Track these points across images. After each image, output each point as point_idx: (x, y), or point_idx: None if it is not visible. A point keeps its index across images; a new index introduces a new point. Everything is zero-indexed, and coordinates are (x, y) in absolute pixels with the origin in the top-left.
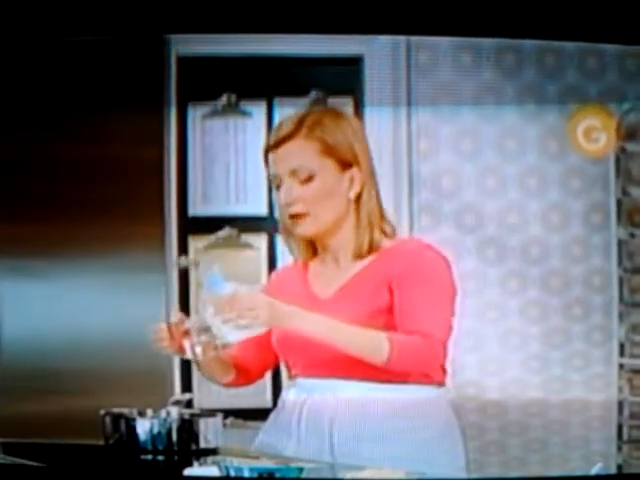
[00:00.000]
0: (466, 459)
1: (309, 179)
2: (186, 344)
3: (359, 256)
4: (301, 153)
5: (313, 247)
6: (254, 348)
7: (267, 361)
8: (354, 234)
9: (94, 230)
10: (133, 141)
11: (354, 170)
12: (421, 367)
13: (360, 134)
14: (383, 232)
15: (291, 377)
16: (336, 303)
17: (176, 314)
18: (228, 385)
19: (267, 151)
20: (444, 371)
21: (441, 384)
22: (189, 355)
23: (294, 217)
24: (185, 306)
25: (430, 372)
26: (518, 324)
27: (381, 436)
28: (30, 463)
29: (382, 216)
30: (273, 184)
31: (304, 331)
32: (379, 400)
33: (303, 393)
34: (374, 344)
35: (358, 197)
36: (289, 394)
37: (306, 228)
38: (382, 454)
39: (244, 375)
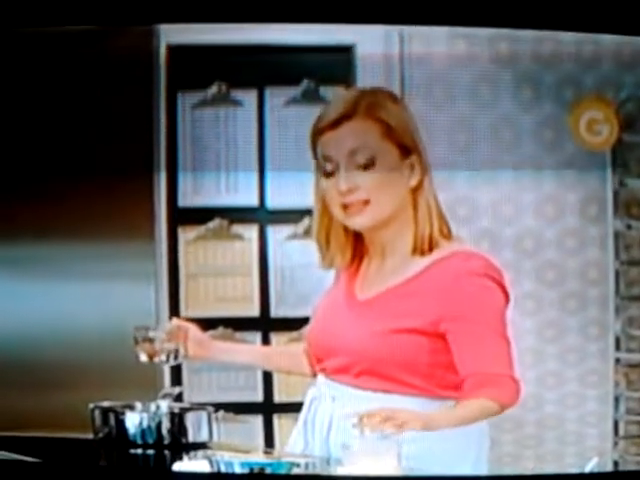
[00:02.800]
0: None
1: (371, 163)
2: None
3: (416, 252)
4: (362, 134)
5: (354, 249)
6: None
7: None
8: (411, 228)
9: (82, 221)
10: (122, 131)
11: (414, 158)
12: (511, 406)
13: (415, 121)
14: (440, 231)
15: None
16: (373, 307)
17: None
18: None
19: (319, 133)
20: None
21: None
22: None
23: (352, 206)
24: (175, 299)
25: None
26: (512, 317)
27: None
28: (18, 457)
29: (439, 212)
30: (321, 171)
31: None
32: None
33: (315, 391)
34: (484, 413)
35: (417, 188)
36: (309, 390)
37: (366, 218)
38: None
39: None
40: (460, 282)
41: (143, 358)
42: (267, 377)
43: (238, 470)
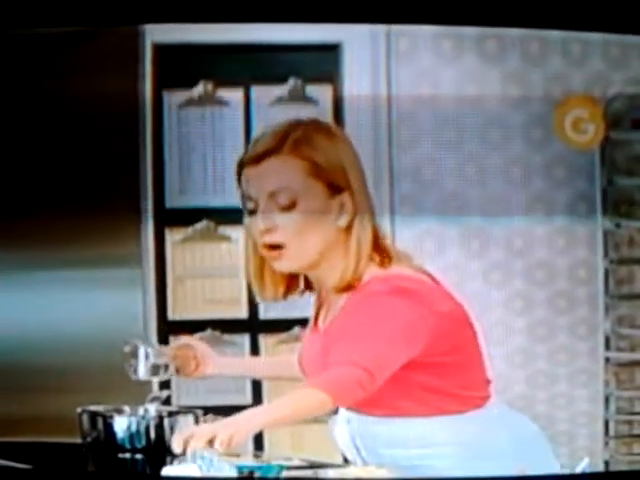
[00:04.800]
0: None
1: (292, 205)
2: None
3: (339, 290)
4: (284, 172)
5: (292, 281)
6: None
7: None
8: (341, 265)
9: (69, 224)
10: (107, 131)
11: (345, 195)
12: (360, 395)
13: (353, 154)
14: (375, 261)
15: None
16: (327, 338)
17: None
18: None
19: (241, 167)
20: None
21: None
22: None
23: (272, 248)
24: (163, 301)
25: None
26: (502, 317)
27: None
28: (5, 462)
29: (378, 245)
30: (246, 208)
31: (249, 426)
32: (387, 431)
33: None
34: (312, 401)
35: (349, 227)
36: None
37: (286, 263)
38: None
39: None
40: (360, 302)
41: (133, 374)
42: (256, 380)
43: (227, 473)
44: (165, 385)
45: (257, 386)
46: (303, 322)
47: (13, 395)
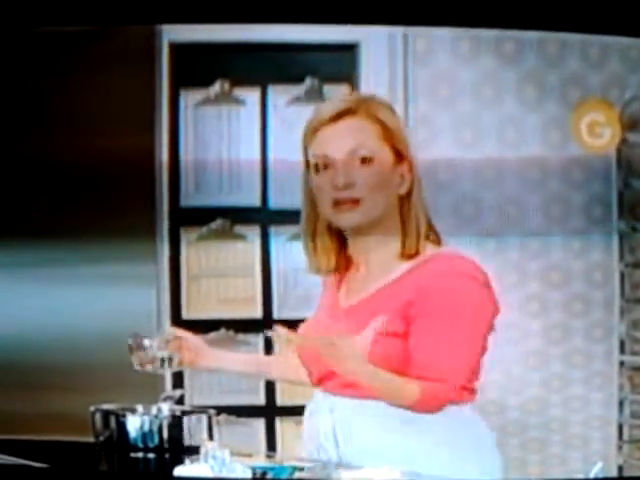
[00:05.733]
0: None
1: (369, 161)
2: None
3: (403, 257)
4: (363, 132)
5: (339, 255)
6: None
7: None
8: (396, 235)
9: (82, 221)
10: (123, 130)
11: (405, 166)
12: (434, 412)
13: (406, 133)
14: (427, 238)
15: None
16: (356, 314)
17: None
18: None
19: (318, 127)
20: (470, 392)
21: (468, 401)
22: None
23: (344, 203)
24: (177, 300)
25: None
26: (517, 319)
27: (376, 454)
28: (18, 460)
29: (427, 222)
30: (314, 165)
31: (347, 371)
32: (374, 416)
33: (312, 404)
34: (404, 392)
35: (406, 196)
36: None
37: (356, 217)
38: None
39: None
40: (439, 280)
41: (137, 366)
42: (269, 380)
43: (240, 474)
44: (178, 384)
45: (270, 386)
46: None
47: (24, 393)
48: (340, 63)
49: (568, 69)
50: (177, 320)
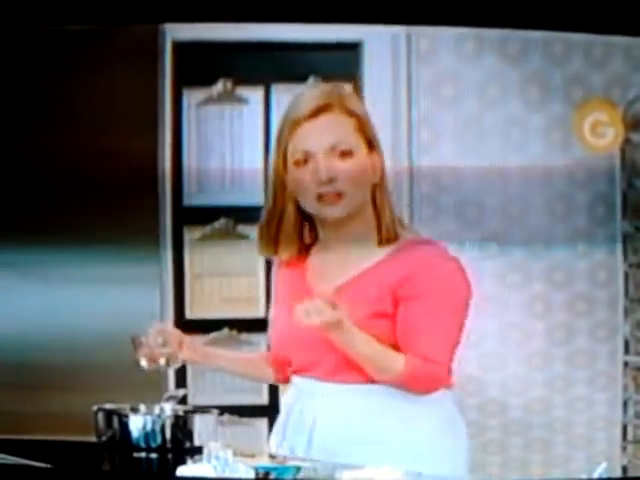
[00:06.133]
0: (468, 457)
1: (349, 154)
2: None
3: (383, 243)
4: (341, 126)
5: (301, 242)
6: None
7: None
8: (373, 222)
9: (85, 220)
10: (126, 129)
11: (375, 155)
12: (420, 392)
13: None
14: (400, 224)
15: (289, 375)
16: (339, 298)
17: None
18: (280, 383)
19: (297, 123)
20: (449, 373)
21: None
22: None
23: (327, 197)
24: (180, 299)
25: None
26: (520, 319)
27: (364, 440)
28: (19, 460)
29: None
30: (294, 160)
31: (337, 338)
32: (363, 402)
33: (294, 392)
34: (388, 361)
35: (379, 184)
36: (286, 394)
37: (340, 209)
38: (366, 458)
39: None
40: (425, 261)
41: (144, 364)
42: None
43: (243, 474)
44: (181, 384)
45: (274, 386)
46: None
47: (26, 393)
48: (343, 62)
49: (572, 69)
50: (180, 320)
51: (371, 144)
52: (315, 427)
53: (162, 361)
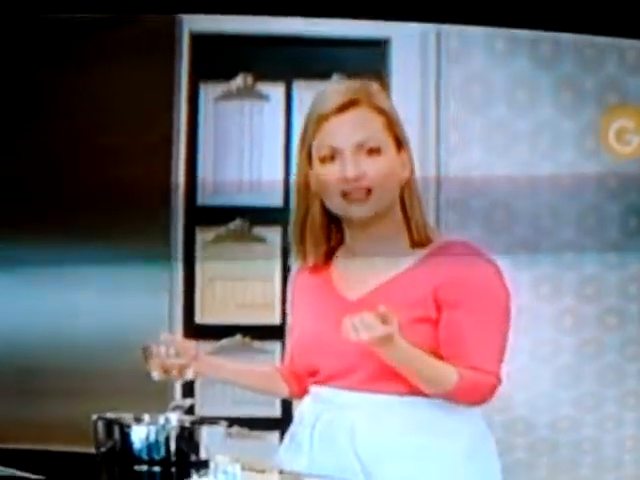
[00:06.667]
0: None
1: (377, 152)
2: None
3: (415, 245)
4: (369, 123)
5: (329, 245)
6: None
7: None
8: (401, 223)
9: (92, 219)
10: (139, 124)
11: (404, 152)
12: (476, 404)
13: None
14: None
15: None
16: (373, 304)
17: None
18: (292, 397)
19: (324, 118)
20: (499, 381)
21: None
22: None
23: (354, 194)
24: (190, 303)
25: None
26: (550, 334)
27: (400, 455)
28: (14, 472)
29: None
30: (320, 157)
31: (386, 356)
32: (400, 414)
33: (319, 404)
34: (442, 376)
35: (408, 183)
36: (304, 405)
37: (367, 208)
38: (401, 474)
39: (303, 384)
40: (466, 264)
41: (155, 375)
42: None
43: None
44: (189, 393)
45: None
46: None
47: (26, 400)
48: (369, 59)
49: (605, 73)
50: (190, 325)
51: (400, 143)
52: (354, 441)
53: (174, 372)
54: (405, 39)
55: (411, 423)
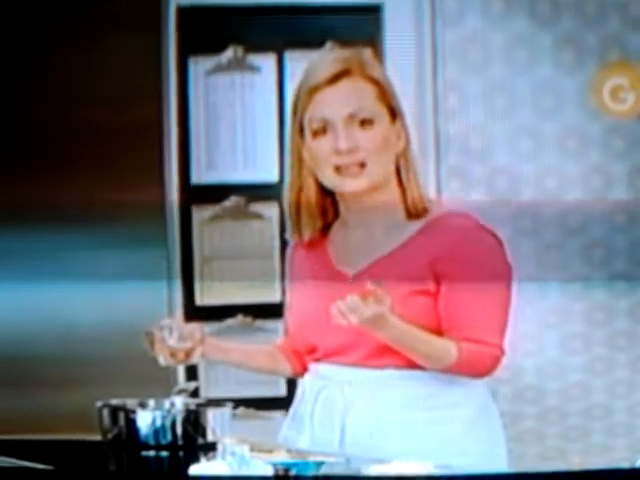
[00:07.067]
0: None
1: (369, 124)
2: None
3: (412, 216)
4: (361, 93)
5: (325, 219)
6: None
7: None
8: (398, 194)
9: (85, 201)
10: (128, 102)
11: (399, 123)
12: (480, 376)
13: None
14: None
15: (307, 363)
16: (365, 281)
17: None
18: (293, 375)
19: (314, 90)
20: (503, 352)
21: None
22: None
23: (347, 168)
24: (189, 285)
25: None
26: (557, 302)
27: (399, 430)
28: (19, 463)
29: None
30: (312, 130)
31: (382, 335)
32: (399, 389)
33: (319, 381)
34: (441, 351)
35: (402, 154)
36: (305, 382)
37: (361, 181)
38: (401, 449)
39: (303, 361)
40: (464, 234)
41: (162, 361)
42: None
43: (261, 471)
44: (192, 376)
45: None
46: None
47: (27, 390)
48: (362, 26)
49: (607, 29)
50: (190, 307)
51: (394, 113)
52: (348, 418)
53: (181, 356)
54: (398, 3)
55: (411, 397)
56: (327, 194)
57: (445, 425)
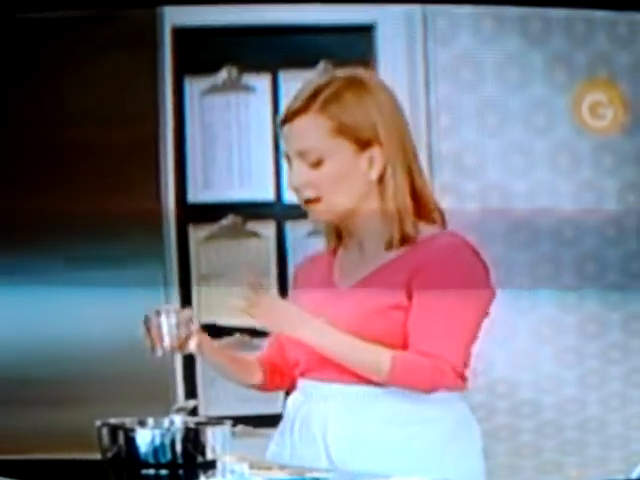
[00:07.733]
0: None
1: (319, 163)
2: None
3: (390, 246)
4: (311, 132)
5: (339, 232)
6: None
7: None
8: (381, 221)
9: (82, 219)
10: (124, 122)
11: (374, 149)
12: (424, 389)
13: (387, 107)
14: (422, 218)
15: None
16: (354, 295)
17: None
18: (261, 388)
19: (281, 124)
20: (463, 380)
21: (458, 390)
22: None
23: (306, 202)
24: (186, 303)
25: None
26: (550, 314)
27: (376, 446)
28: None
29: (419, 198)
30: (286, 162)
31: (303, 338)
32: (374, 405)
33: (300, 397)
34: (374, 361)
35: (381, 178)
36: (290, 397)
37: (319, 213)
38: (380, 465)
39: (277, 376)
40: (442, 251)
41: (158, 350)
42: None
43: None
44: (191, 394)
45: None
46: None
47: (25, 409)
48: (356, 45)
49: (596, 48)
50: None
51: (362, 143)
52: (327, 434)
53: (177, 344)
54: (391, 22)
55: (385, 413)
56: None
57: (421, 441)
